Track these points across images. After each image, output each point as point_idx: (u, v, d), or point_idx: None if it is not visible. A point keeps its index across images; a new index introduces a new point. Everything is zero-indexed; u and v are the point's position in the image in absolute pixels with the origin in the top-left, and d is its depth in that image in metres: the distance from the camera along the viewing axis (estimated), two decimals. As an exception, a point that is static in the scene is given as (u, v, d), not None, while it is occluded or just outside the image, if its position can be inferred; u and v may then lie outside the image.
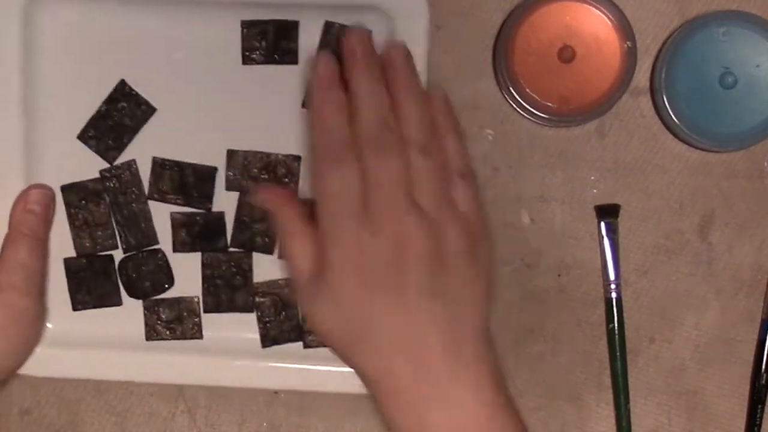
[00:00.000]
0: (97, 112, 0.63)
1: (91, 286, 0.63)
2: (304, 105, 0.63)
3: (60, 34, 0.62)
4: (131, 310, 0.64)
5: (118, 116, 0.63)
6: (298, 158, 0.63)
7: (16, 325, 0.60)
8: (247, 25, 0.62)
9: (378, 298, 0.53)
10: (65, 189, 0.63)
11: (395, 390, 0.53)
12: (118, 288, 0.63)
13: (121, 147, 0.63)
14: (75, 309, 0.64)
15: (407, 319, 0.53)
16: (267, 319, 0.64)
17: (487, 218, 0.57)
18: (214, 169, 0.63)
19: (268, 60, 0.63)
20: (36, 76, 0.62)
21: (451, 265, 0.53)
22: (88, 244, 0.63)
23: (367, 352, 0.53)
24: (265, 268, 0.64)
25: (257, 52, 0.62)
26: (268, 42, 0.62)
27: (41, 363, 0.62)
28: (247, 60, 0.62)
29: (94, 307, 0.64)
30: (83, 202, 0.63)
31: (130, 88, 0.63)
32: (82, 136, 0.63)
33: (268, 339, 0.64)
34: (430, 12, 0.61)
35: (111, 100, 0.63)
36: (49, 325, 0.63)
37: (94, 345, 0.63)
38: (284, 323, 0.64)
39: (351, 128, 0.55)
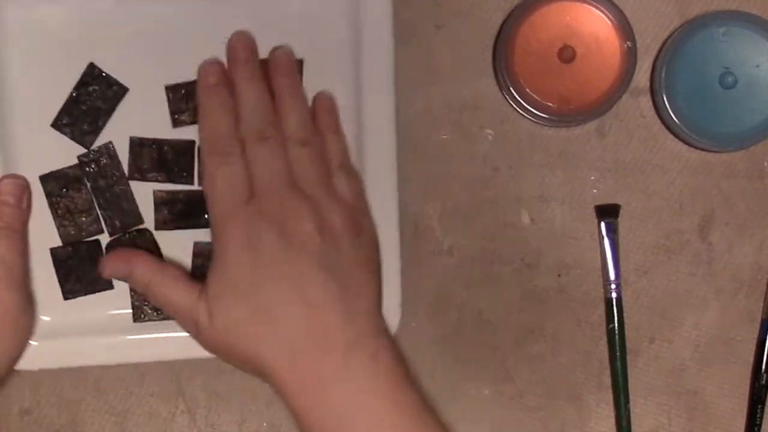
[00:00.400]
0: (69, 97, 0.62)
1: (80, 273, 0.63)
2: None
3: (26, 24, 0.62)
4: (123, 294, 0.63)
5: (91, 100, 0.62)
6: None
7: (3, 320, 0.60)
8: (172, 89, 0.62)
9: (274, 278, 0.56)
10: (44, 178, 0.62)
11: (297, 371, 0.55)
12: None
13: (96, 131, 0.62)
14: (66, 298, 0.63)
15: (301, 293, 0.55)
16: None
17: (369, 210, 0.61)
18: (192, 143, 0.63)
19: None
20: (3, 68, 0.62)
21: (336, 243, 0.57)
22: (73, 232, 0.63)
23: (267, 334, 0.56)
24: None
25: (186, 114, 0.62)
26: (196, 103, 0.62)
27: (39, 356, 0.62)
28: (176, 123, 0.63)
29: (86, 294, 0.63)
30: (64, 189, 0.62)
31: (100, 71, 0.62)
32: (56, 124, 0.62)
33: None
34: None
35: (82, 84, 0.62)
36: (45, 318, 0.63)
37: (89, 332, 0.63)
38: None
39: (237, 126, 0.59)
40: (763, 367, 0.65)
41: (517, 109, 0.65)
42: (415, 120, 0.65)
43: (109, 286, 0.63)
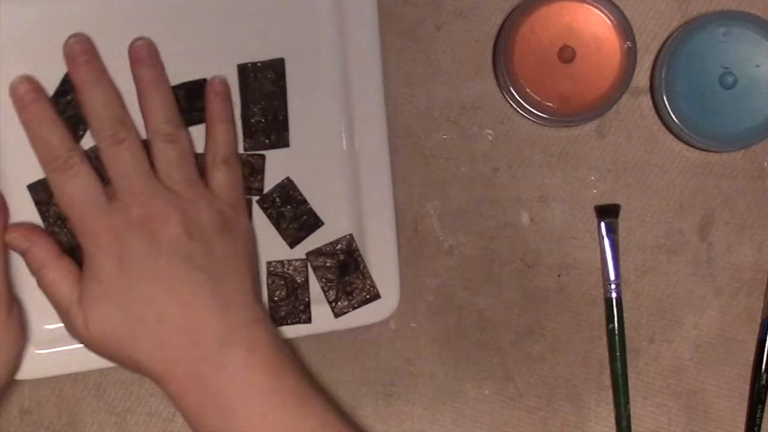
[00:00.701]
0: None
1: None
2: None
3: (5, 28, 0.61)
4: None
5: (71, 108, 0.61)
6: (262, 157, 0.63)
7: None
8: None
9: (142, 281, 0.56)
10: (32, 187, 0.62)
11: (175, 367, 0.55)
12: None
13: (78, 138, 0.61)
14: None
15: (172, 294, 0.55)
16: (276, 298, 0.63)
17: (244, 200, 0.60)
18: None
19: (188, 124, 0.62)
20: None
21: (205, 240, 0.56)
22: (64, 239, 0.62)
23: (144, 337, 0.56)
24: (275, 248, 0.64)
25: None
26: (182, 107, 0.61)
27: (40, 365, 0.62)
28: None
29: None
30: (53, 197, 0.62)
31: None
32: None
33: (277, 319, 0.64)
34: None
35: (60, 93, 0.61)
36: (48, 326, 0.62)
37: None
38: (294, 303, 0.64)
39: (70, 136, 0.58)
40: (763, 367, 0.65)
41: (517, 109, 0.65)
42: (415, 120, 0.65)
43: None
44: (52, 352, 0.62)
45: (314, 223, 0.64)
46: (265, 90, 0.63)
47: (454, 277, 0.66)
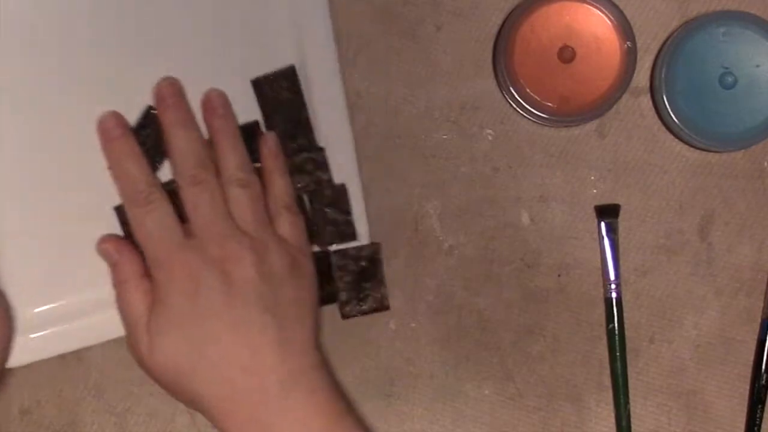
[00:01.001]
0: None
1: None
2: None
3: None
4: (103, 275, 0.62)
5: (150, 140, 0.62)
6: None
7: None
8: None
9: (212, 318, 0.56)
10: (118, 209, 0.62)
11: (235, 407, 0.56)
12: None
13: (156, 168, 0.62)
14: None
15: (240, 334, 0.56)
16: None
17: (308, 248, 0.62)
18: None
19: None
20: None
21: (275, 283, 0.58)
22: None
23: (207, 373, 0.57)
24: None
25: None
26: None
27: (35, 349, 0.62)
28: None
29: None
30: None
31: (155, 113, 0.62)
32: None
33: None
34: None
35: (141, 126, 0.62)
36: (36, 309, 0.62)
37: (78, 316, 0.62)
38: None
39: (152, 172, 0.60)
40: (763, 367, 0.65)
41: (517, 109, 0.65)
42: (415, 120, 0.65)
43: None
44: (45, 334, 0.62)
45: (351, 234, 0.64)
46: (282, 98, 0.63)
47: (454, 277, 0.66)
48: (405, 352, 0.66)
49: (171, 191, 0.60)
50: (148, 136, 0.62)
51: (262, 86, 0.63)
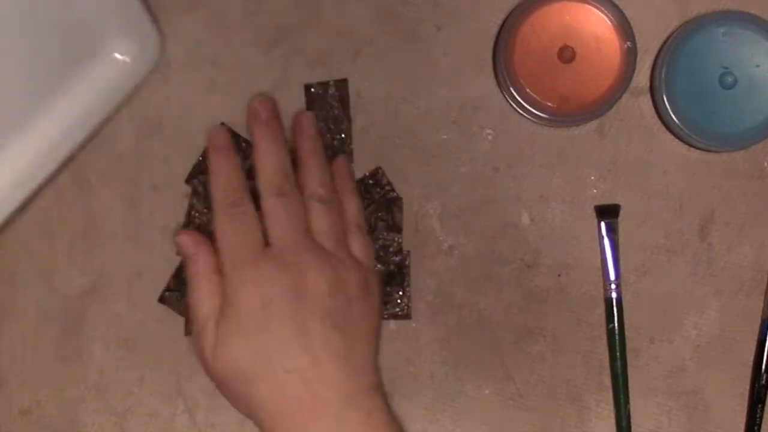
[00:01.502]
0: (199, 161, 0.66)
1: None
2: (187, 180, 0.65)
3: None
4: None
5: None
6: None
7: None
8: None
9: (281, 328, 0.57)
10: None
11: (290, 418, 0.56)
12: None
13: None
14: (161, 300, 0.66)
15: (306, 345, 0.56)
16: None
17: (377, 272, 0.62)
18: None
19: None
20: None
21: (346, 300, 0.58)
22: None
23: (268, 381, 0.56)
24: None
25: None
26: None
27: None
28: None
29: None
30: (206, 209, 0.65)
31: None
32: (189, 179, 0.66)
33: None
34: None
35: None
36: None
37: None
38: None
39: (246, 183, 0.61)
40: (763, 367, 0.65)
41: (517, 109, 0.65)
42: (415, 120, 0.65)
43: None
44: None
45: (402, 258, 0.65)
46: (327, 104, 0.65)
47: (454, 277, 0.66)
48: (405, 352, 0.66)
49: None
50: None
51: (313, 90, 0.65)
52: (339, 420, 0.56)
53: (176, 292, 0.65)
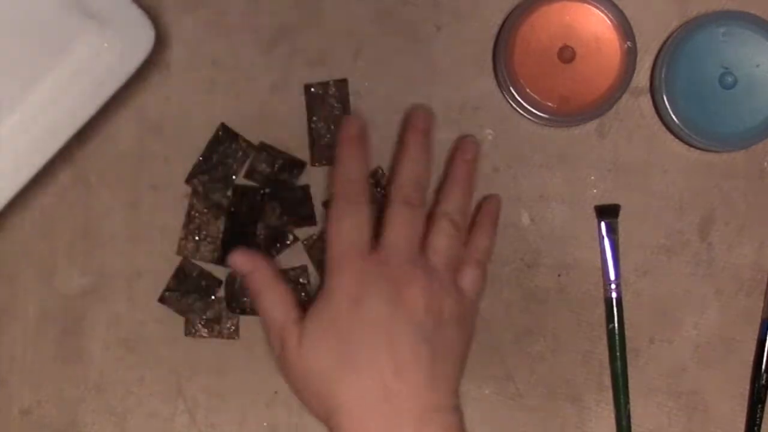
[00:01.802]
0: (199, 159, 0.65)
1: (187, 289, 0.66)
2: (187, 180, 0.65)
3: None
4: None
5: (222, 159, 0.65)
6: None
7: None
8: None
9: (370, 332, 0.56)
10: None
11: (366, 424, 0.56)
12: None
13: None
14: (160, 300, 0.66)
15: (393, 353, 0.56)
16: None
17: (477, 310, 0.62)
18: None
19: None
20: None
21: (439, 321, 0.58)
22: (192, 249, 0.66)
23: (350, 383, 0.56)
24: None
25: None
26: None
27: None
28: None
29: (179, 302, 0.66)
30: (206, 209, 0.65)
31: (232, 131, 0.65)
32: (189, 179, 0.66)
33: None
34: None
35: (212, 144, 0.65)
36: None
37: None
38: None
39: (368, 181, 0.61)
40: (763, 367, 0.65)
41: (517, 109, 0.65)
42: (415, 120, 0.66)
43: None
44: None
45: None
46: (327, 104, 0.65)
47: (454, 277, 0.66)
48: (405, 352, 0.66)
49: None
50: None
51: (313, 90, 0.65)
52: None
53: (176, 292, 0.65)
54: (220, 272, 0.65)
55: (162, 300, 0.65)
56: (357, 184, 0.60)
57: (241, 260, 0.61)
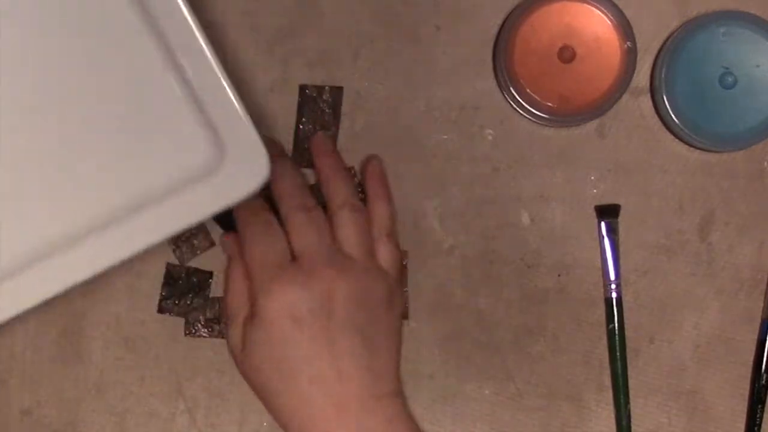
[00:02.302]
0: None
1: (180, 296, 0.66)
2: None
3: None
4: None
5: None
6: None
7: None
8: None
9: (306, 336, 0.57)
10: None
11: (312, 425, 0.56)
12: None
13: None
14: (159, 311, 0.66)
15: (332, 358, 0.57)
16: None
17: (402, 279, 0.63)
18: None
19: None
20: None
21: (372, 310, 0.58)
22: (187, 255, 0.66)
23: (293, 395, 0.57)
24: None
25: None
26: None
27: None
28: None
29: (176, 315, 0.66)
30: None
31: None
32: None
33: None
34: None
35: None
36: None
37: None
38: None
39: (278, 203, 0.60)
40: (763, 367, 0.65)
41: (517, 109, 0.65)
42: (415, 120, 0.65)
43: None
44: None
45: None
46: (319, 109, 0.65)
47: (454, 277, 0.66)
48: (405, 352, 0.65)
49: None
50: None
51: (307, 91, 0.65)
52: (361, 427, 0.56)
53: (171, 298, 0.65)
54: (207, 262, 0.65)
55: (161, 310, 0.65)
56: (259, 210, 0.60)
57: (231, 242, 0.61)
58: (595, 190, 0.66)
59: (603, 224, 0.65)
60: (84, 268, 0.56)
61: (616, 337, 0.65)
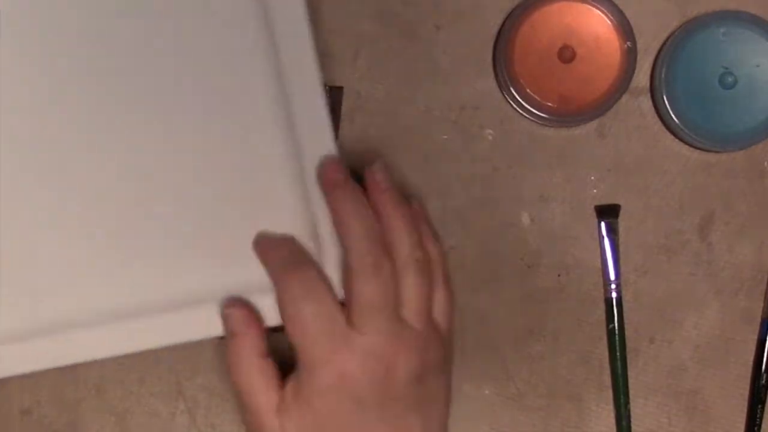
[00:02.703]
0: None
1: None
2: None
3: None
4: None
5: None
6: None
7: None
8: None
9: (367, 412, 0.52)
10: None
11: None
12: None
13: None
14: None
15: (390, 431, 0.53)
16: None
17: (453, 329, 0.58)
18: None
19: None
20: None
21: (429, 379, 0.54)
22: None
23: None
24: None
25: None
26: None
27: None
28: None
29: None
30: None
31: None
32: None
33: None
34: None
35: None
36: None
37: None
38: None
39: (347, 251, 0.53)
40: (763, 367, 0.65)
41: (517, 109, 0.65)
42: (415, 120, 0.65)
43: None
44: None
45: None
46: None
47: (454, 277, 0.65)
48: (405, 352, 0.66)
49: None
50: None
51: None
52: None
53: None
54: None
55: None
56: (294, 247, 0.54)
57: (237, 316, 0.54)
58: (595, 190, 0.66)
59: (603, 224, 0.65)
60: (127, 345, 0.57)
61: (616, 337, 0.65)
